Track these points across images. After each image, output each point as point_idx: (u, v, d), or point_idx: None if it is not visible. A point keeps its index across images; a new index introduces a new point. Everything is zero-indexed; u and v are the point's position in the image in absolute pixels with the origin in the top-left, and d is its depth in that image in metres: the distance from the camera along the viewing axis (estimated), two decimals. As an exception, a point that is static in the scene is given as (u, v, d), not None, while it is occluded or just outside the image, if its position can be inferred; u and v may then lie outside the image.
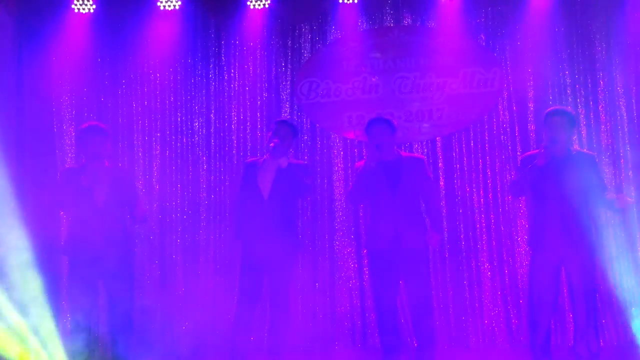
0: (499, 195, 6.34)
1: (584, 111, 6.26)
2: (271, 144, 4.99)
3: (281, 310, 5.00)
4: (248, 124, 6.48)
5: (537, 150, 4.85)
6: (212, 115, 6.54)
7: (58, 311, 5.94)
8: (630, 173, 6.16)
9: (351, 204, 6.07)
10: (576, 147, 5.60)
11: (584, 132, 6.23)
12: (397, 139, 5.22)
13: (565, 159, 4.78)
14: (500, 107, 6.41)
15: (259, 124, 6.50)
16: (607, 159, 6.15)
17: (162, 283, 6.31)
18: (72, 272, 4.96)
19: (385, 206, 4.88)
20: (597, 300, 4.90)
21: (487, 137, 6.41)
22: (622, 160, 6.20)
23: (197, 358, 5.89)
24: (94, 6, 6.33)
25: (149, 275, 6.25)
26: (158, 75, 6.51)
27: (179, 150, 6.50)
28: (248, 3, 6.44)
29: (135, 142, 6.40)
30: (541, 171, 4.70)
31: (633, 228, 6.07)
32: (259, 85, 6.54)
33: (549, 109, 5.03)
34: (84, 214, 4.83)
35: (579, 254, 4.71)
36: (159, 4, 6.40)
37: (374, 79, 6.50)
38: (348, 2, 6.45)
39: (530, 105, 6.34)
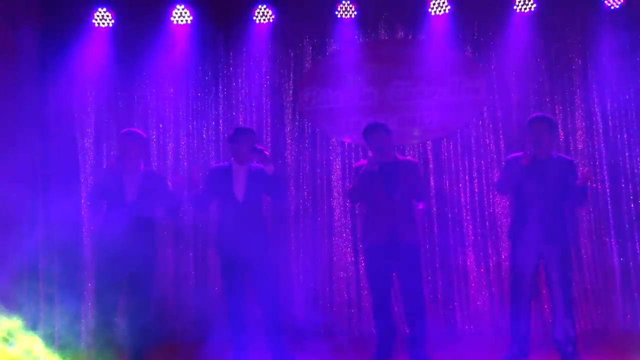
0: (484, 194, 6.59)
1: (561, 117, 6.51)
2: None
3: (271, 305, 5.06)
4: (254, 129, 6.54)
5: (521, 153, 4.99)
6: (220, 121, 6.77)
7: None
8: (605, 175, 6.41)
9: (351, 202, 6.32)
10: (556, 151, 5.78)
11: (561, 136, 6.48)
12: (393, 141, 5.41)
13: (546, 161, 4.98)
14: (485, 113, 6.67)
15: (264, 129, 6.77)
16: (583, 161, 6.38)
17: (161, 283, 6.25)
18: (98, 269, 5.08)
19: (383, 205, 5.01)
20: (572, 291, 5.05)
21: (473, 141, 6.67)
22: (597, 162, 6.46)
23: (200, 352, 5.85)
24: (112, 21, 6.57)
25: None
26: (171, 83, 6.73)
27: (189, 154, 6.71)
28: (254, 18, 6.68)
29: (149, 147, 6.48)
30: (524, 171, 4.91)
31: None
32: (264, 93, 6.79)
33: (532, 116, 5.19)
34: (115, 211, 4.96)
35: (556, 248, 4.91)
36: (172, 18, 6.64)
37: (369, 88, 6.78)
38: (346, 17, 6.69)
39: (513, 111, 6.58)
